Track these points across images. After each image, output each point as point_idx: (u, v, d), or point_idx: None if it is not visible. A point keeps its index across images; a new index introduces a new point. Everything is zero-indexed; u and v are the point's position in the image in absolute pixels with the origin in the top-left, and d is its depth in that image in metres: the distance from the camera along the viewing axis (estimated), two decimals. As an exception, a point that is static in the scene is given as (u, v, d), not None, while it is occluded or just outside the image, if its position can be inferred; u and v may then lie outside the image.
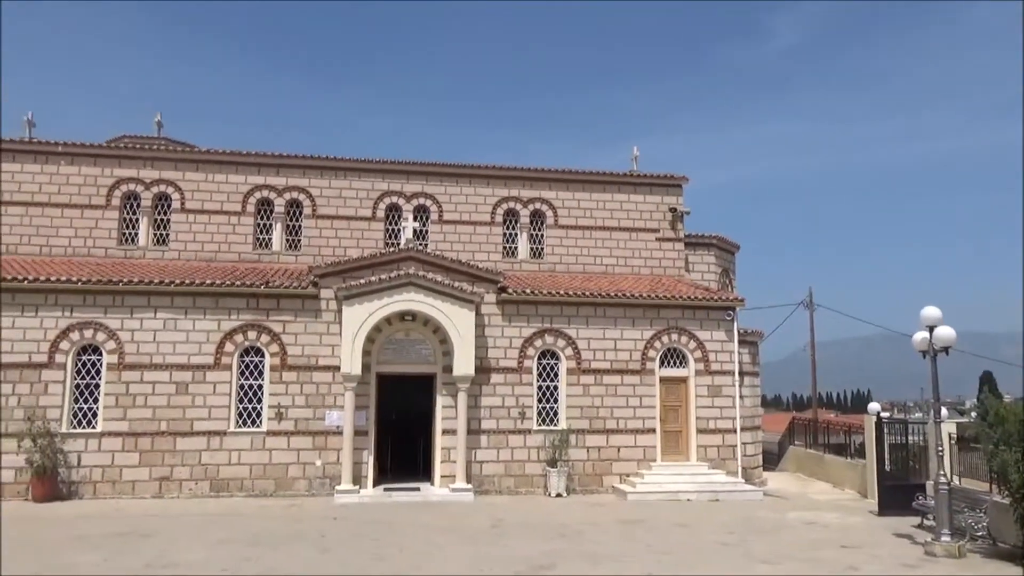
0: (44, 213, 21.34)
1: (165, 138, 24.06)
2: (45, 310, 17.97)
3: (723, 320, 20.83)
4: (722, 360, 20.68)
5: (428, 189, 23.47)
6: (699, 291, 21.53)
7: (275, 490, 18.15)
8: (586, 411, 19.80)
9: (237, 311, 18.69)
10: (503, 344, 19.67)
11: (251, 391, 18.71)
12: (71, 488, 17.45)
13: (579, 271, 23.65)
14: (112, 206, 21.78)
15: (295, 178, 22.79)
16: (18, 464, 17.17)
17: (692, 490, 18.62)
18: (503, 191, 23.89)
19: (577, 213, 24.14)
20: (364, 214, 22.99)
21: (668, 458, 20.05)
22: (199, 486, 17.94)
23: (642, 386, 20.18)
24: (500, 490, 18.95)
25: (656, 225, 24.45)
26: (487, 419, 19.26)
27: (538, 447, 19.31)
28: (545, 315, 19.97)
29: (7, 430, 17.33)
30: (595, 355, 20.04)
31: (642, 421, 20.02)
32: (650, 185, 24.64)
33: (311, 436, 18.56)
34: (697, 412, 20.34)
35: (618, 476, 19.59)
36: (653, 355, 20.35)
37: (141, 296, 18.35)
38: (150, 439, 17.93)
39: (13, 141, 21.55)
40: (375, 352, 19.08)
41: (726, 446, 20.30)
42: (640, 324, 20.38)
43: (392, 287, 18.41)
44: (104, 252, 21.45)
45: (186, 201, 22.16)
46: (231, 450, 18.21)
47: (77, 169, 21.73)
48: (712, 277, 25.78)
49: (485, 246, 23.47)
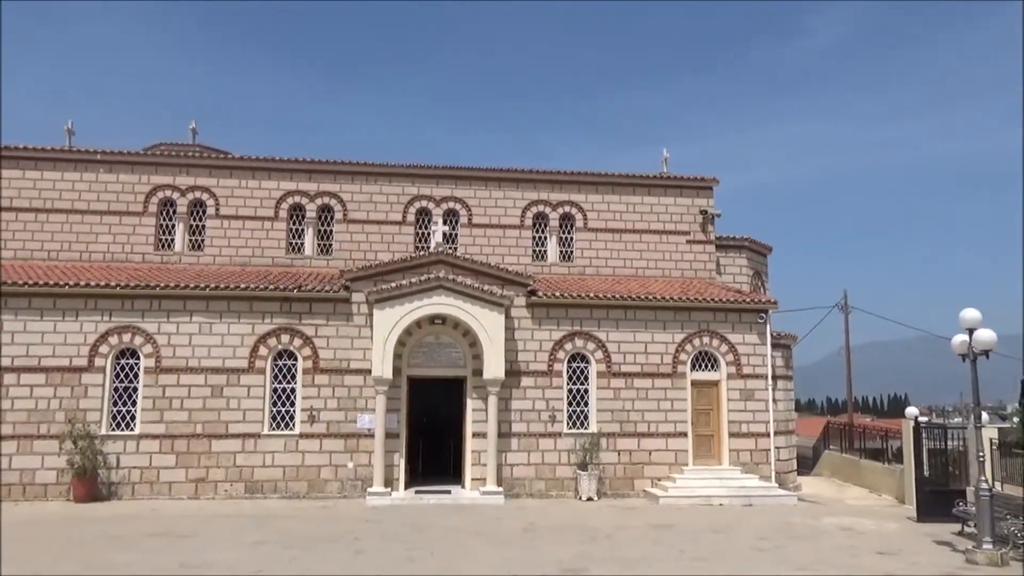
0: (84, 220, 21.85)
1: (200, 145, 24.49)
2: (85, 315, 18.38)
3: (755, 323, 20.60)
4: (755, 363, 20.45)
5: (457, 193, 23.58)
6: (730, 293, 21.33)
7: (308, 492, 18.34)
8: (617, 415, 19.71)
9: (270, 315, 18.94)
10: (533, 347, 19.67)
11: (284, 394, 18.94)
12: (110, 489, 17.80)
13: (609, 274, 23.56)
14: (149, 212, 22.22)
15: (326, 183, 23.05)
16: (60, 465, 17.57)
17: (724, 495, 18.43)
18: (532, 194, 23.90)
19: (607, 216, 24.07)
20: (394, 218, 23.16)
21: (700, 462, 19.87)
22: (234, 487, 18.19)
23: (673, 389, 20.03)
24: (531, 493, 18.94)
25: (687, 227, 24.27)
26: (517, 422, 19.26)
27: (568, 450, 19.25)
28: (575, 318, 19.93)
29: (49, 432, 17.76)
30: (625, 358, 19.94)
31: (673, 425, 19.87)
32: (680, 187, 24.48)
33: (343, 439, 18.72)
34: (729, 416, 20.13)
35: (649, 480, 19.46)
36: (684, 358, 20.20)
37: (177, 300, 18.68)
38: (186, 441, 18.24)
39: (54, 149, 22.11)
40: (406, 355, 19.19)
41: (759, 450, 20.06)
42: (671, 327, 20.24)
43: (422, 291, 18.51)
44: (141, 257, 21.89)
45: (220, 207, 22.53)
46: (265, 452, 18.44)
47: (115, 176, 22.21)
48: (744, 280, 25.52)
49: (515, 249, 23.50)
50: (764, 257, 27.35)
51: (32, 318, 18.16)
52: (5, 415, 17.76)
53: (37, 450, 17.70)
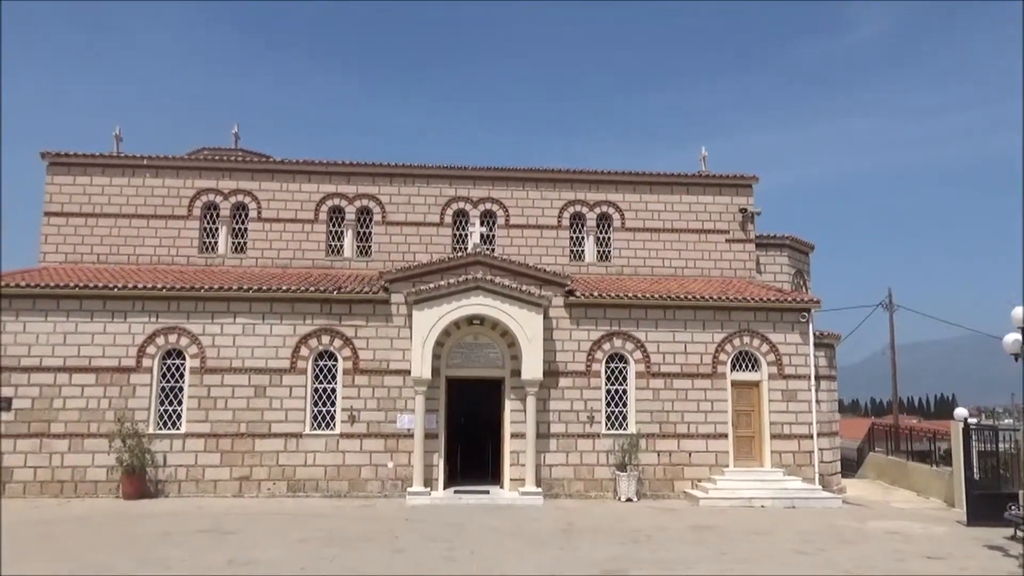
0: (131, 224, 22.42)
1: (242, 149, 24.95)
2: (133, 316, 18.85)
3: (797, 322, 20.28)
4: (797, 364, 20.13)
5: (495, 194, 23.64)
6: (771, 293, 21.03)
7: (349, 491, 18.55)
8: (656, 415, 19.57)
9: (311, 316, 19.21)
10: (571, 348, 19.63)
11: (325, 394, 19.19)
12: (158, 486, 18.24)
13: (647, 274, 23.41)
14: (193, 216, 22.71)
15: (365, 186, 23.31)
16: (110, 463, 18.06)
17: (767, 496, 18.18)
18: (569, 194, 23.86)
19: (644, 215, 23.92)
20: (432, 220, 23.32)
21: (741, 464, 19.63)
22: (276, 486, 18.50)
23: (713, 390, 19.82)
24: (570, 494, 18.90)
25: (726, 226, 24.00)
26: (556, 423, 19.24)
27: (607, 451, 19.18)
28: (613, 318, 19.84)
29: (99, 431, 18.27)
30: (664, 358, 19.79)
31: (714, 426, 19.66)
32: (719, 186, 24.22)
33: (383, 439, 18.90)
34: (771, 417, 19.85)
35: (689, 481, 19.28)
36: (724, 358, 19.97)
37: (221, 302, 19.06)
38: (230, 440, 18.59)
39: (103, 156, 22.73)
40: (444, 356, 19.30)
41: (802, 452, 19.74)
42: (711, 327, 20.03)
43: (460, 291, 18.60)
44: (186, 260, 22.39)
45: (262, 210, 22.93)
46: (306, 452, 18.71)
47: (161, 181, 22.75)
48: (785, 278, 25.15)
49: (552, 250, 23.48)
50: (806, 255, 26.91)
51: (83, 319, 18.69)
52: (58, 414, 18.33)
53: (88, 448, 18.22)
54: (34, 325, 18.57)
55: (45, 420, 18.27)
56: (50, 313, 18.65)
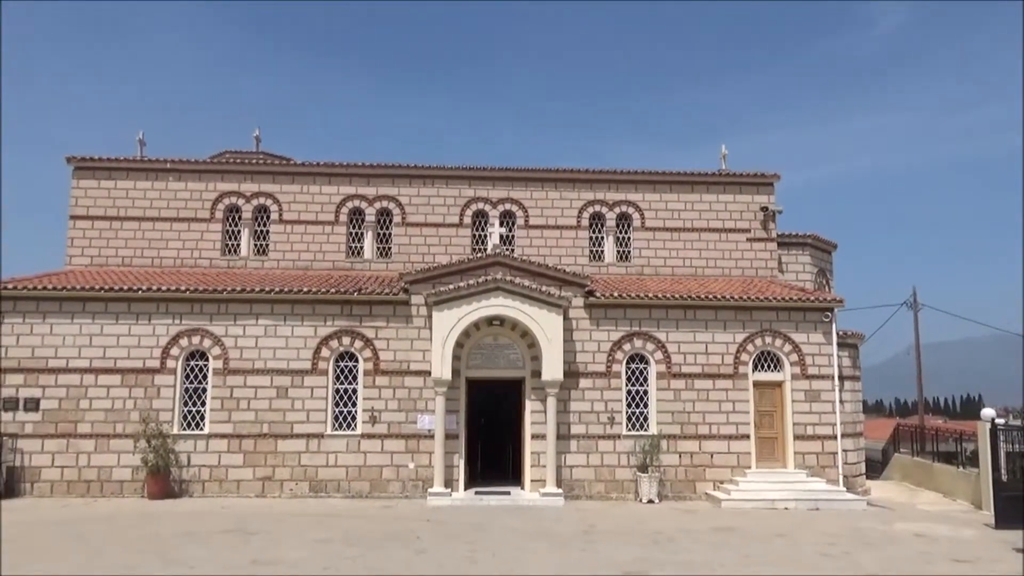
0: (155, 227, 22.68)
1: (263, 152, 25.15)
2: (157, 318, 19.07)
3: (820, 322, 20.07)
4: (820, 364, 19.93)
5: (514, 195, 23.64)
6: (793, 292, 20.83)
7: (370, 491, 18.63)
8: (677, 416, 19.46)
9: (332, 317, 19.32)
10: (591, 348, 19.58)
11: (346, 395, 19.29)
12: (182, 486, 18.43)
13: (667, 274, 23.30)
14: (216, 219, 22.93)
15: (385, 187, 23.41)
16: (135, 463, 18.28)
17: (790, 498, 18.02)
18: (589, 194, 23.81)
19: (664, 215, 23.80)
20: (452, 221, 23.37)
21: (763, 465, 19.47)
22: (299, 486, 18.62)
23: (735, 391, 19.68)
24: (590, 495, 18.86)
25: (747, 225, 23.83)
26: (576, 424, 19.20)
27: (628, 452, 19.10)
28: (633, 319, 19.76)
29: (125, 431, 18.50)
30: (685, 359, 19.68)
31: (735, 427, 19.52)
32: (740, 184, 24.05)
33: (404, 439, 18.96)
34: (794, 418, 19.67)
35: (711, 483, 19.16)
36: (746, 359, 19.82)
37: (244, 304, 19.22)
38: (253, 441, 18.75)
39: (127, 160, 23.01)
40: (464, 357, 19.33)
41: (825, 453, 19.54)
42: (732, 327, 19.89)
43: (480, 292, 18.62)
44: (209, 262, 22.61)
45: (283, 212, 23.11)
46: (328, 452, 18.81)
47: (184, 184, 23.00)
48: (807, 277, 24.92)
49: (571, 250, 23.44)
50: (829, 254, 26.64)
51: (108, 321, 18.94)
52: (84, 415, 18.58)
53: (114, 448, 18.46)
54: (61, 327, 18.85)
55: (72, 421, 18.54)
56: (76, 315, 18.92)
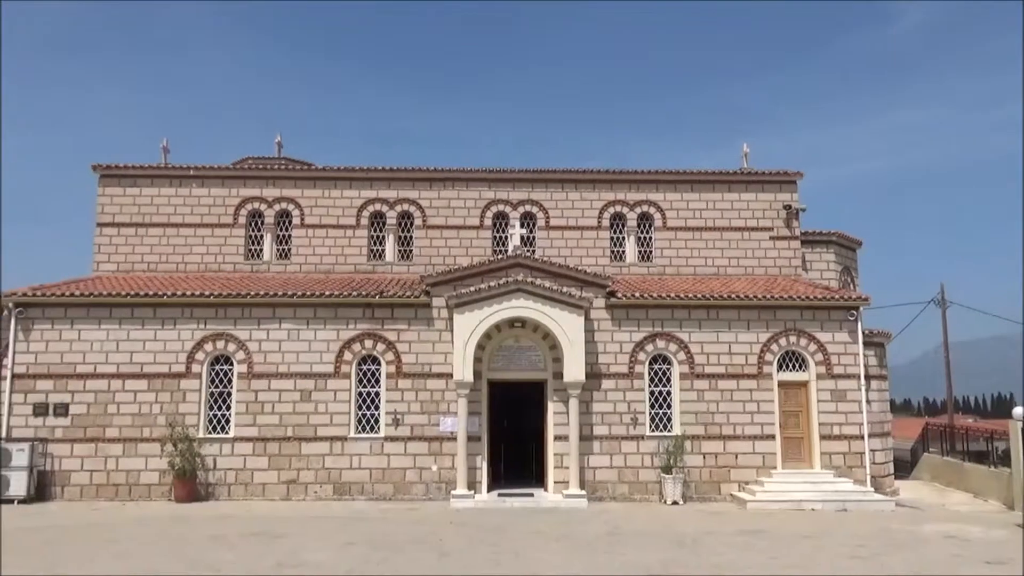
0: (179, 233, 22.95)
1: (285, 158, 25.35)
2: (182, 323, 19.28)
3: (845, 321, 19.82)
4: (846, 363, 19.68)
5: (534, 196, 23.62)
6: (818, 291, 20.60)
7: (394, 494, 18.70)
8: (701, 417, 19.31)
9: (354, 321, 19.41)
10: (613, 349, 19.49)
11: (369, 398, 19.38)
12: (208, 490, 18.61)
13: (689, 273, 23.14)
14: (239, 224, 23.15)
15: (405, 190, 23.49)
16: (162, 467, 18.50)
17: (816, 499, 17.80)
18: (609, 195, 23.72)
19: (686, 214, 23.65)
20: (472, 223, 23.40)
21: (789, 466, 19.26)
22: (323, 489, 18.73)
23: (759, 391, 19.48)
24: (614, 497, 18.77)
25: (770, 224, 23.60)
26: (599, 425, 19.12)
27: (652, 453, 18.99)
28: (656, 319, 19.64)
29: (152, 435, 18.72)
30: (709, 359, 19.53)
31: (760, 427, 19.33)
32: (762, 183, 23.83)
33: (426, 442, 19.00)
34: (820, 418, 19.44)
35: (736, 484, 18.99)
36: (770, 358, 19.62)
37: (267, 308, 19.38)
38: (278, 444, 18.89)
39: (151, 167, 23.31)
40: (486, 359, 19.33)
41: (853, 453, 19.28)
42: (755, 327, 19.70)
43: (501, 294, 18.61)
44: (233, 267, 22.83)
45: (305, 217, 23.27)
46: (352, 455, 18.90)
47: (207, 190, 23.25)
48: (832, 276, 24.64)
49: (592, 251, 23.37)
50: (854, 252, 26.31)
51: (135, 327, 19.18)
52: (112, 419, 18.83)
53: (141, 452, 18.69)
54: (88, 333, 19.12)
55: (100, 425, 18.79)
56: (103, 321, 19.19)
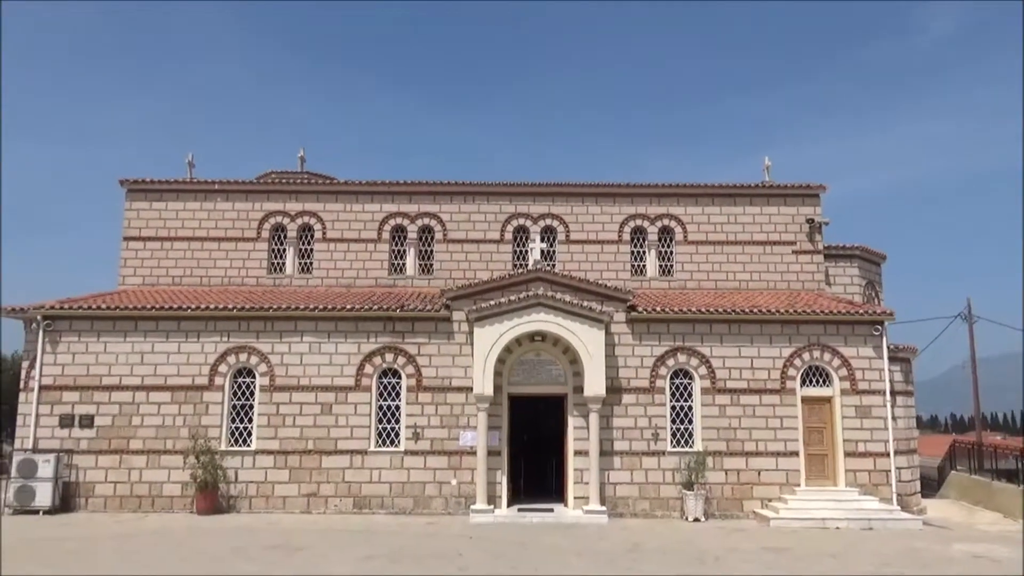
0: (203, 247, 23.23)
1: (308, 172, 25.61)
2: (206, 336, 19.47)
3: (870, 335, 19.57)
4: (871, 378, 19.41)
5: (555, 210, 23.64)
6: (842, 305, 20.37)
7: (413, 508, 18.67)
8: (723, 432, 19.12)
9: (375, 334, 19.49)
10: (634, 364, 19.39)
11: (389, 411, 19.41)
12: (229, 502, 18.70)
13: (711, 288, 22.99)
14: (262, 238, 23.39)
15: (426, 204, 23.62)
16: (184, 479, 18.62)
17: (841, 517, 17.52)
18: (630, 208, 23.68)
19: (707, 228, 23.54)
20: (493, 237, 23.45)
21: (813, 483, 18.99)
22: (343, 502, 18.75)
23: (782, 406, 19.27)
24: (635, 513, 18.60)
25: (792, 237, 23.42)
26: (619, 440, 18.99)
27: (673, 469, 18.82)
28: (677, 333, 19.52)
29: (175, 448, 18.87)
30: (731, 374, 19.36)
31: (783, 443, 19.08)
32: (784, 196, 23.67)
33: (446, 456, 18.98)
34: (844, 434, 19.16)
35: (759, 501, 18.75)
36: (793, 373, 19.41)
37: (289, 321, 19.52)
38: (298, 457, 18.96)
39: (177, 181, 23.65)
40: (506, 373, 19.31)
41: (878, 471, 18.98)
42: (778, 341, 19.51)
43: (521, 308, 18.60)
44: (256, 281, 23.05)
45: (327, 231, 23.47)
46: (372, 468, 18.92)
47: (231, 205, 23.54)
48: (856, 290, 24.36)
49: (613, 265, 23.31)
50: (878, 266, 26.01)
51: (159, 340, 19.40)
52: (136, 431, 19.01)
53: (164, 464, 18.83)
54: (114, 345, 19.36)
55: (124, 437, 18.98)
56: (129, 334, 19.42)
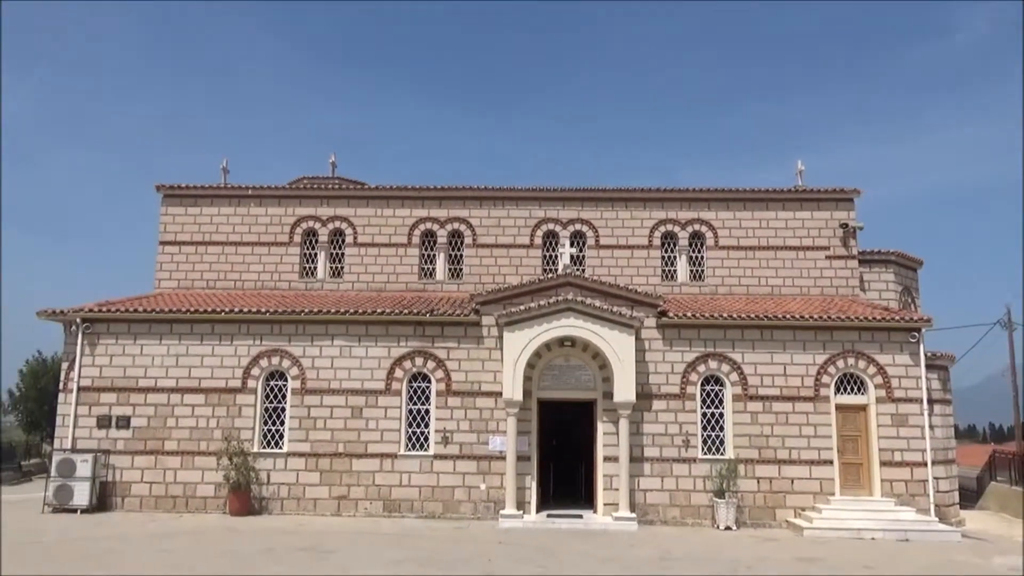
0: (237, 251, 23.56)
1: (339, 177, 25.86)
2: (239, 339, 19.72)
3: (907, 342, 19.20)
4: (907, 386, 19.03)
5: (584, 215, 23.58)
6: (877, 311, 20.02)
7: (442, 512, 18.71)
8: (755, 440, 18.89)
9: (405, 338, 19.59)
10: (664, 369, 19.24)
11: (418, 415, 19.48)
12: (261, 504, 18.91)
13: (742, 293, 22.75)
14: (294, 243, 23.66)
15: (456, 209, 23.71)
16: (217, 480, 18.87)
17: (877, 528, 17.19)
18: (660, 213, 23.54)
19: (739, 233, 23.31)
20: (522, 242, 23.46)
21: (848, 492, 18.66)
22: (373, 506, 18.85)
23: (816, 414, 18.98)
24: (665, 520, 18.44)
25: (826, 242, 23.09)
26: (649, 446, 18.85)
27: (704, 477, 18.62)
28: (708, 339, 19.34)
29: (208, 449, 19.13)
30: (763, 381, 19.11)
31: (817, 451, 18.80)
32: (817, 200, 23.36)
33: (475, 460, 18.99)
34: (880, 443, 18.81)
35: (792, 510, 18.47)
36: (827, 381, 19.11)
37: (320, 325, 19.70)
38: (329, 460, 19.10)
39: (211, 187, 24.02)
40: (536, 378, 19.28)
41: (915, 481, 18.60)
42: (812, 348, 19.23)
43: (551, 313, 18.57)
44: (288, 285, 23.31)
45: (358, 235, 23.66)
46: (401, 472, 19.00)
47: (264, 210, 23.85)
48: (891, 296, 23.92)
49: (643, 270, 23.18)
50: (914, 272, 25.53)
51: (194, 343, 19.70)
52: (171, 433, 19.32)
53: (198, 465, 19.09)
54: (150, 348, 19.70)
55: (160, 438, 19.29)
56: (164, 337, 19.75)
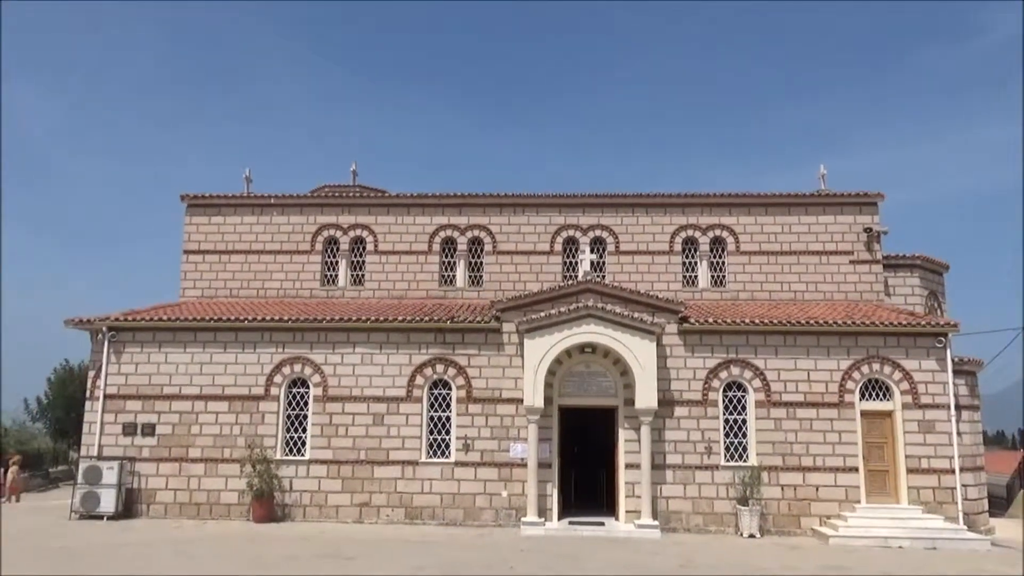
0: (260, 260, 23.78)
1: (360, 185, 26.03)
2: (262, 347, 19.90)
3: (933, 347, 18.93)
4: (934, 392, 18.77)
5: (604, 221, 23.53)
6: (902, 316, 19.77)
7: (464, 519, 18.70)
8: (778, 447, 18.70)
9: (426, 345, 19.65)
10: (686, 376, 19.12)
11: (439, 422, 19.52)
12: (284, 510, 19.02)
13: (764, 299, 22.57)
14: (316, 251, 23.84)
15: (476, 216, 23.76)
16: (240, 487, 19.01)
17: (904, 536, 16.93)
18: (681, 219, 23.43)
19: (760, 238, 23.13)
20: (542, 248, 23.46)
21: (874, 500, 18.40)
22: (394, 513, 18.89)
23: (840, 420, 18.76)
24: (688, 528, 18.29)
25: (849, 247, 22.85)
26: (672, 453, 18.73)
27: (727, 484, 18.46)
28: (730, 345, 19.20)
29: (232, 456, 19.29)
30: (786, 387, 18.94)
31: (842, 458, 18.56)
32: (840, 205, 23.14)
33: (496, 467, 18.97)
34: (907, 450, 18.54)
35: (817, 518, 18.25)
36: (852, 387, 18.88)
37: (342, 333, 19.82)
38: (351, 467, 19.18)
39: (234, 196, 24.28)
40: (556, 385, 19.24)
41: (943, 488, 18.31)
42: (836, 353, 19.02)
43: (571, 319, 18.53)
44: (309, 293, 23.49)
45: (379, 243, 23.79)
46: (423, 479, 19.03)
47: (286, 218, 24.06)
48: (917, 301, 23.60)
49: (664, 276, 23.07)
50: (940, 276, 25.17)
51: (217, 350, 19.89)
52: (195, 440, 19.51)
53: (222, 472, 19.27)
54: (174, 356, 19.93)
55: (184, 445, 19.50)
56: (188, 345, 19.97)
